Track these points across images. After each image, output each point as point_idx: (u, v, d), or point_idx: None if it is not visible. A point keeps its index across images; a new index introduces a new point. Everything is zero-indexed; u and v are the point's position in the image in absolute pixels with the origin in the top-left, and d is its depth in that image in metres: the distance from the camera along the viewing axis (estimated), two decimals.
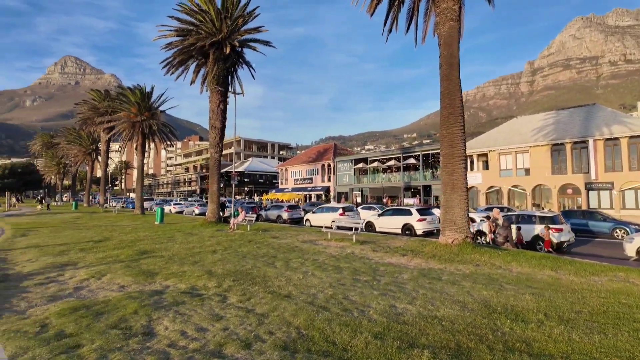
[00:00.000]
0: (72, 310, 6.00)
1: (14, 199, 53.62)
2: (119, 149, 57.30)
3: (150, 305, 6.32)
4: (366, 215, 23.86)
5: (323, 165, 52.21)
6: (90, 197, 58.78)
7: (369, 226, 20.48)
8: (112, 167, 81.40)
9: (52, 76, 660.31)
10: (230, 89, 24.13)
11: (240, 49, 23.48)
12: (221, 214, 24.08)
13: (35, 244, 14.39)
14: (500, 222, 14.74)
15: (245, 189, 73.45)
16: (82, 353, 4.42)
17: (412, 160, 40.39)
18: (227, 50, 21.39)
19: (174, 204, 43.49)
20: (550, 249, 13.67)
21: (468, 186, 12.76)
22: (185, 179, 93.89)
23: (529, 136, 33.09)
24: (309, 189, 52.95)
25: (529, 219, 15.58)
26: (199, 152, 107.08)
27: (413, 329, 5.21)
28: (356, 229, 15.19)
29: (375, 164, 44.76)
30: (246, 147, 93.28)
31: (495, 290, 7.37)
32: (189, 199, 59.54)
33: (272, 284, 7.82)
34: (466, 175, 12.32)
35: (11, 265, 10.41)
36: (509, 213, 17.95)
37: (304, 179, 55.16)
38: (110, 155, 60.23)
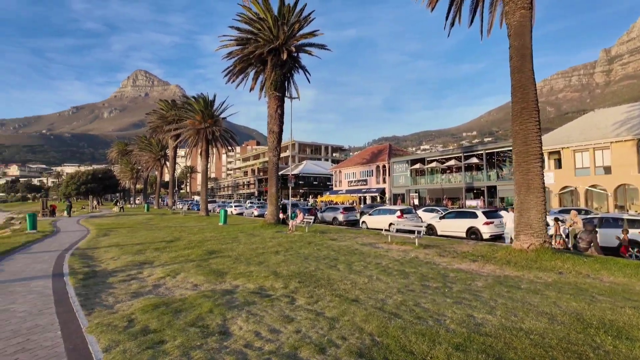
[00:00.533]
0: (153, 307, 6.36)
1: (95, 202, 59.39)
2: (185, 155, 61.25)
3: (223, 304, 6.52)
4: (426, 217, 23.01)
5: (378, 167, 51.45)
6: (160, 199, 63.45)
7: (430, 229, 19.69)
8: (178, 171, 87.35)
9: (125, 89, 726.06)
10: (286, 94, 24.64)
11: (296, 54, 23.89)
12: (282, 215, 24.62)
13: (116, 243, 15.71)
14: (579, 225, 13.38)
15: (300, 191, 74.71)
16: (166, 349, 4.63)
17: (474, 160, 38.33)
18: (284, 56, 21.86)
19: (235, 206, 45.48)
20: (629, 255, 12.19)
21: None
22: (243, 182, 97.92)
23: (609, 131, 29.83)
24: (363, 190, 52.47)
25: (614, 223, 13.96)
26: (256, 156, 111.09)
27: (498, 342, 4.79)
28: (418, 232, 14.64)
29: (433, 164, 43.17)
30: (300, 150, 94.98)
31: (587, 302, 6.60)
32: (248, 201, 61.89)
33: (338, 287, 7.72)
34: (543, 174, 11.30)
35: (98, 262, 11.43)
36: (589, 216, 16.26)
37: (358, 181, 54.77)
38: (177, 160, 64.51)
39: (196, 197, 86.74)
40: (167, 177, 65.44)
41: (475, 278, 8.67)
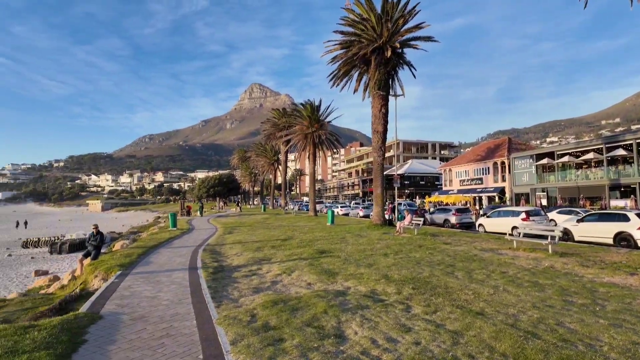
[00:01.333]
0: (272, 303, 6.68)
1: (221, 203, 67.09)
2: (295, 159, 65.05)
3: (337, 305, 6.49)
4: (560, 220, 19.91)
5: (495, 163, 46.74)
6: (274, 200, 68.62)
7: (565, 234, 16.90)
8: (289, 174, 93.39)
9: (243, 102, 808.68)
10: (391, 92, 24.06)
11: (400, 50, 23.15)
12: (392, 216, 24.12)
13: (239, 241, 17.31)
14: None
15: (406, 191, 72.50)
16: (285, 347, 4.74)
17: (620, 152, 31.89)
18: (388, 54, 21.36)
19: (341, 207, 46.41)
20: None
21: None
22: (348, 183, 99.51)
23: None
24: (478, 190, 48.26)
25: None
26: (360, 157, 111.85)
27: None
28: (551, 237, 12.64)
29: (565, 159, 37.27)
30: (405, 149, 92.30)
31: None
32: (353, 201, 62.65)
33: (458, 297, 7.04)
34: None
35: (224, 257, 12.69)
36: None
37: (472, 180, 50.59)
38: (288, 164, 68.99)
39: (305, 198, 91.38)
40: (279, 180, 70.67)
41: (636, 295, 7.01)
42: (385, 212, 24.31)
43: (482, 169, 49.02)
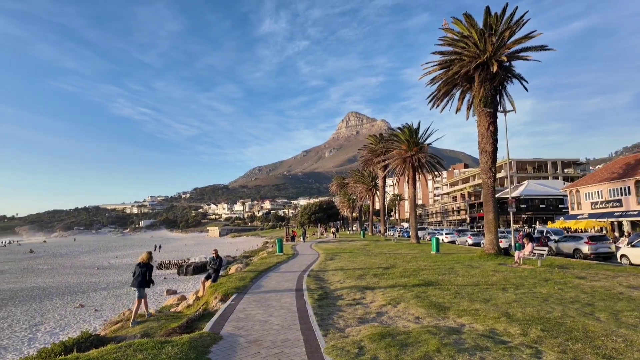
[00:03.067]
0: (380, 336, 6.43)
1: (322, 229, 69.04)
2: (393, 184, 64.00)
3: (450, 344, 5.94)
4: None
5: (637, 182, 39.02)
6: (373, 226, 67.92)
7: None
8: (387, 199, 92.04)
9: (340, 131, 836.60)
10: (499, 108, 22.23)
11: (508, 64, 21.42)
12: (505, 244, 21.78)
13: (340, 267, 17.40)
14: None
15: (523, 216, 64.87)
16: None
17: None
18: (494, 68, 19.96)
19: (446, 234, 43.56)
20: None
21: None
22: (452, 208, 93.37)
23: None
24: (616, 214, 40.61)
25: None
26: (465, 180, 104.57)
27: None
28: None
29: None
30: (519, 168, 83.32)
31: None
32: (459, 227, 58.29)
33: (604, 345, 5.84)
34: None
35: (327, 284, 12.84)
36: None
37: (607, 202, 42.89)
38: (386, 189, 68.17)
39: (405, 224, 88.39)
40: (377, 205, 70.10)
41: None
42: (516, 240, 22.18)
43: (621, 189, 41.31)
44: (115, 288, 26.24)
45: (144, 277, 10.19)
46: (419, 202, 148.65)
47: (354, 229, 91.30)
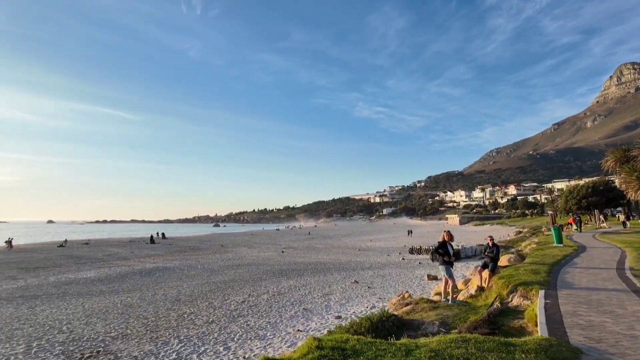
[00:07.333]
0: None
1: (601, 216, 54.34)
2: None
3: None
4: None
5: None
6: None
7: None
8: None
9: (608, 91, 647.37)
10: None
11: None
12: None
13: None
14: None
15: None
16: None
17: None
18: None
19: None
20: None
21: None
22: None
23: None
24: None
25: None
26: None
27: None
28: None
29: None
30: None
31: None
32: None
33: None
34: None
35: None
36: None
37: None
38: None
39: None
40: None
41: None
42: None
43: None
44: (377, 269, 28.41)
45: (446, 255, 10.24)
46: None
47: None
